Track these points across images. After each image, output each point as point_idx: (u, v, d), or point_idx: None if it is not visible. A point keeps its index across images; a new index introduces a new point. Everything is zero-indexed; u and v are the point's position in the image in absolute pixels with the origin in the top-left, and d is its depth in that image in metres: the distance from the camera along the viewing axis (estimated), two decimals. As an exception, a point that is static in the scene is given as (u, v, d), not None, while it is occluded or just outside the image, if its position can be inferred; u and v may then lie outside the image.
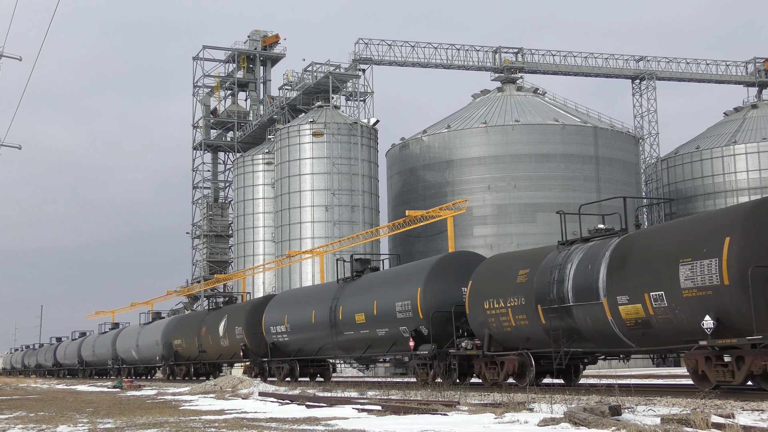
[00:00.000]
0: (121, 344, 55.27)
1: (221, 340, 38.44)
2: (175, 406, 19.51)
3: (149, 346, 49.19)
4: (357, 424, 12.84)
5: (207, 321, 41.27)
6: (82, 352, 65.66)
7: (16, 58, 43.52)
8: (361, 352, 28.47)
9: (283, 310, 33.82)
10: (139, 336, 51.44)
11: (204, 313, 44.26)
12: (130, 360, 54.02)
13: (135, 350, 51.89)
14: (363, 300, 27.62)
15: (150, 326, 51.33)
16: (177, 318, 48.77)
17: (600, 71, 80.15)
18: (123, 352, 54.79)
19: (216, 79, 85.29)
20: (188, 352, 43.63)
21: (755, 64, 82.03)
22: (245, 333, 35.84)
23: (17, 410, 18.96)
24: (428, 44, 75.70)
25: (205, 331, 40.75)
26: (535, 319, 19.94)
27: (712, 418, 10.67)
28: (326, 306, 29.85)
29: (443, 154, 68.00)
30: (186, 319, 47.12)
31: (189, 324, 44.46)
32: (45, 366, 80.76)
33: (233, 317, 37.91)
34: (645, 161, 78.79)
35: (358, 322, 27.62)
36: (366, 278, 29.31)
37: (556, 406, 13.84)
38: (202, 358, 41.61)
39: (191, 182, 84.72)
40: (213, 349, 40.02)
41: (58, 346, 77.31)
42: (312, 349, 31.85)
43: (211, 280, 74.12)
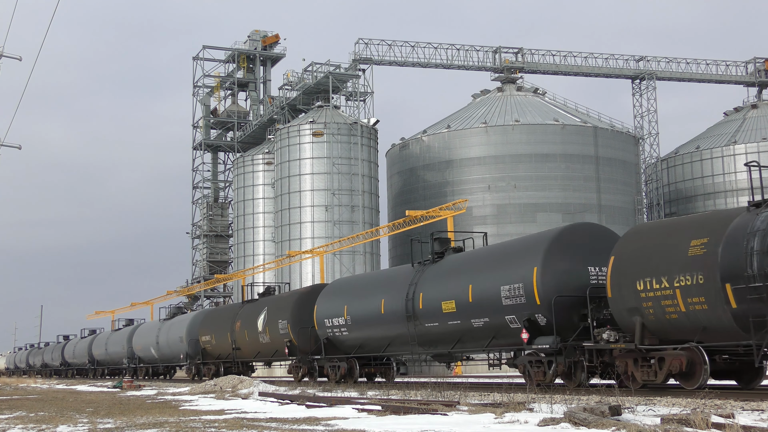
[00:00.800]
0: (139, 341, 52.12)
1: (260, 336, 34.38)
2: (175, 406, 19.51)
3: (172, 344, 45.86)
4: (357, 424, 12.84)
5: (242, 314, 36.99)
6: (94, 350, 62.69)
7: (16, 58, 43.53)
8: (448, 347, 23.73)
9: (342, 299, 29.17)
10: (160, 332, 48.14)
11: (237, 306, 39.84)
12: (148, 359, 51.18)
13: (155, 348, 48.83)
14: (452, 285, 23.08)
15: (173, 322, 47.96)
16: (205, 312, 45.11)
17: (600, 71, 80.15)
18: (141, 350, 51.85)
19: (216, 79, 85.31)
20: (218, 350, 39.86)
21: (755, 64, 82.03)
22: (291, 327, 31.59)
23: (17, 410, 18.96)
24: (428, 44, 75.76)
25: (239, 326, 36.65)
26: (720, 302, 15.83)
27: (712, 418, 10.67)
28: (401, 294, 24.99)
29: (443, 154, 68.01)
30: (216, 313, 43.23)
31: (220, 318, 40.43)
32: (52, 365, 77.86)
33: (276, 309, 33.46)
34: (645, 161, 78.79)
35: (445, 312, 23.05)
36: (451, 259, 24.65)
37: (556, 406, 13.84)
38: (236, 356, 37.66)
39: (191, 182, 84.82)
40: (249, 346, 36.07)
41: (66, 345, 74.04)
42: (378, 345, 27.31)
43: (211, 280, 74.15)
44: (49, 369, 79.52)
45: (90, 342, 64.52)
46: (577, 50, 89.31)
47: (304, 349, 30.89)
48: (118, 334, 58.27)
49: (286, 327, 31.92)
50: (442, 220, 50.29)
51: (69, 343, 73.38)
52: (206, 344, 40.97)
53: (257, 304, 36.11)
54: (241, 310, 37.61)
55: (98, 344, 62.06)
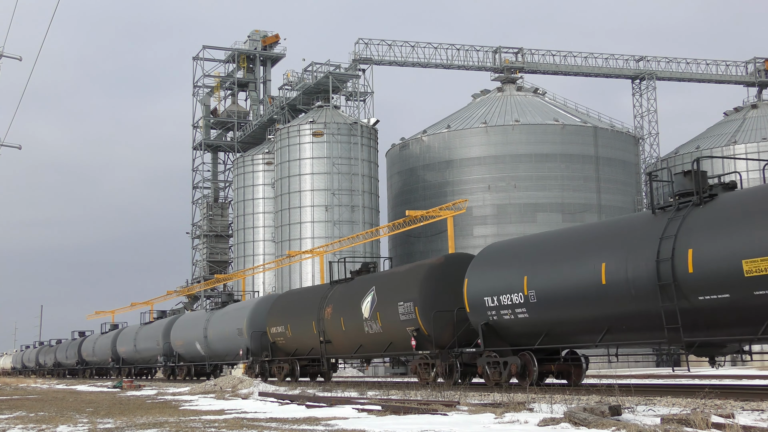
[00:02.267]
0: (180, 335, 45.29)
1: (367, 325, 26.67)
2: (175, 406, 19.51)
3: (227, 337, 38.65)
4: (357, 424, 12.84)
5: (334, 297, 29.47)
6: (118, 347, 55.79)
7: (16, 58, 43.55)
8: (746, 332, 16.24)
9: (518, 267, 20.97)
10: (210, 324, 41.10)
11: (324, 288, 31.80)
12: (191, 355, 44.21)
13: (202, 343, 41.95)
14: (756, 235, 15.64)
15: (227, 311, 40.63)
16: (275, 298, 37.13)
17: (600, 71, 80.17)
18: (181, 346, 45.11)
19: (216, 79, 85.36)
20: (295, 344, 32.13)
21: (755, 64, 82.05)
22: (420, 311, 23.77)
23: (17, 410, 18.96)
24: (428, 44, 75.78)
25: (331, 313, 29.07)
26: None
27: (712, 418, 10.66)
28: (641, 253, 17.46)
29: (443, 154, 68.02)
30: (292, 298, 35.13)
31: (299, 304, 32.76)
32: (66, 364, 70.59)
33: (392, 289, 25.72)
34: (645, 161, 78.80)
35: (749, 276, 15.21)
36: (729, 199, 17.85)
37: (556, 406, 13.83)
38: (328, 350, 29.94)
39: (191, 182, 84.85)
40: (346, 338, 28.37)
41: (83, 341, 66.07)
42: (585, 330, 19.41)
43: (211, 280, 74.14)
44: (62, 368, 72.46)
45: (114, 338, 57.15)
46: (577, 50, 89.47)
47: (442, 341, 23.19)
48: (150, 328, 51.35)
49: (412, 311, 24.12)
50: (442, 220, 50.30)
51: (87, 339, 65.65)
52: (278, 337, 33.35)
53: (357, 284, 28.43)
54: (332, 292, 29.92)
55: (125, 340, 54.86)
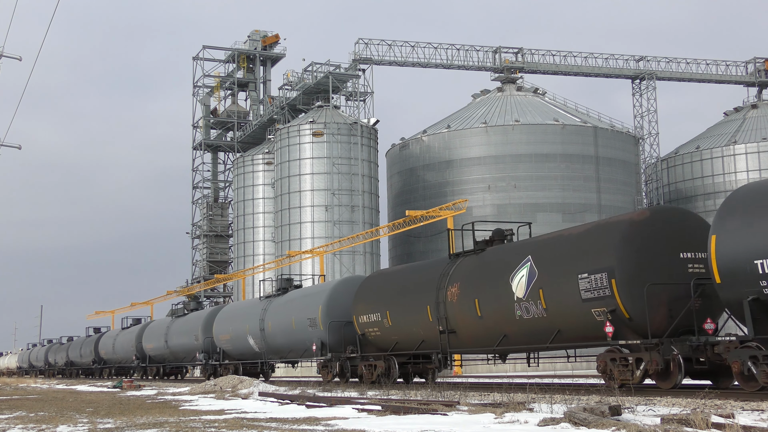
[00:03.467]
0: (224, 329, 38.18)
1: (520, 307, 19.52)
2: (175, 406, 19.51)
3: (290, 330, 31.87)
4: (357, 424, 12.84)
5: (461, 274, 22.40)
6: (145, 343, 49.61)
7: (16, 58, 43.49)
8: None
9: None
10: (267, 314, 34.01)
11: (440, 263, 24.28)
12: (240, 352, 36.99)
13: (256, 337, 34.79)
14: None
15: (288, 298, 33.39)
16: (355, 280, 30.15)
17: (600, 71, 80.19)
18: (227, 341, 37.81)
19: (216, 79, 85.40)
20: (398, 335, 25.34)
21: (755, 64, 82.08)
22: (619, 285, 17.12)
23: (17, 410, 18.96)
24: (428, 44, 75.81)
25: (458, 294, 22.10)
26: None
27: (712, 418, 10.66)
28: None
29: (443, 154, 68.03)
30: (388, 278, 27.91)
31: (402, 286, 25.87)
32: (79, 364, 64.87)
33: (566, 257, 18.93)
34: (645, 161, 78.84)
35: None
36: None
37: (556, 406, 13.83)
38: (451, 343, 22.83)
39: (191, 182, 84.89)
40: (483, 326, 21.24)
41: (101, 338, 60.05)
42: None
43: (211, 280, 74.17)
44: (75, 368, 66.83)
45: (139, 333, 51.01)
46: (577, 50, 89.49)
47: (655, 326, 16.73)
48: (186, 321, 44.60)
49: (605, 285, 17.29)
50: (442, 220, 50.32)
51: (106, 336, 59.93)
52: (370, 328, 26.48)
53: (499, 254, 21.38)
54: (455, 267, 22.84)
55: (153, 335, 48.79)
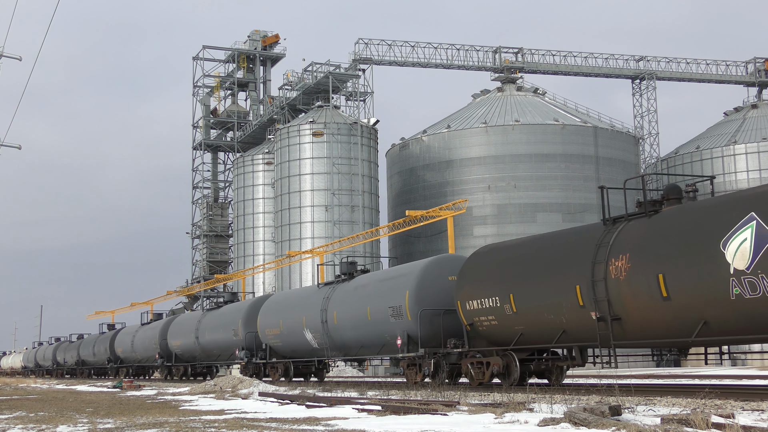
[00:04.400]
0: (274, 322, 32.87)
1: (739, 284, 14.72)
2: (175, 406, 19.50)
3: (365, 323, 26.47)
4: (357, 424, 12.84)
5: (630, 242, 17.63)
6: (171, 339, 44.76)
7: (16, 58, 43.49)
8: None
9: None
10: (329, 305, 28.69)
11: (590, 231, 19.14)
12: (293, 349, 31.92)
13: (316, 333, 29.40)
14: None
15: (359, 284, 27.88)
16: (446, 261, 24.97)
17: (600, 71, 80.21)
18: (279, 336, 32.53)
19: (216, 79, 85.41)
20: (519, 325, 20.29)
21: (755, 64, 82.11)
22: None
23: (17, 410, 18.95)
24: (428, 44, 75.83)
25: (627, 269, 17.12)
26: None
27: (712, 418, 10.66)
28: None
29: (443, 154, 68.04)
30: (497, 255, 21.99)
31: (527, 260, 20.65)
32: (91, 363, 60.71)
33: None
34: (645, 161, 78.85)
35: None
36: None
37: (556, 406, 13.83)
38: (615, 334, 17.45)
39: (191, 182, 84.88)
40: (671, 310, 16.19)
41: (117, 335, 55.66)
42: None
43: (211, 280, 74.17)
44: (87, 367, 62.39)
45: (162, 329, 46.25)
46: (577, 50, 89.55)
47: None
48: (220, 315, 39.32)
49: None
50: (442, 220, 50.32)
51: (123, 332, 55.08)
52: (480, 317, 21.24)
53: (698, 212, 17.18)
54: (618, 235, 17.98)
55: (180, 331, 43.81)
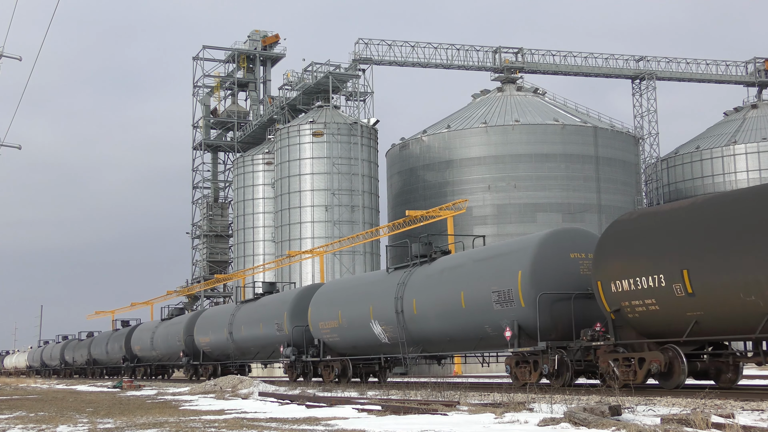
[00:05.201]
0: (331, 313, 28.31)
1: None
2: (175, 406, 19.51)
3: (458, 312, 22.06)
4: (357, 424, 12.84)
5: None
6: (198, 336, 40.88)
7: (16, 58, 43.50)
8: None
9: None
10: (406, 291, 24.16)
11: None
12: (354, 344, 27.55)
13: (388, 325, 24.94)
14: None
15: (444, 266, 23.72)
16: (568, 234, 20.85)
17: (600, 71, 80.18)
18: (337, 330, 27.96)
19: (216, 79, 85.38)
20: (703, 307, 15.87)
21: (755, 64, 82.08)
22: None
23: (17, 410, 18.96)
24: (428, 44, 75.79)
25: None
26: None
27: (712, 418, 10.66)
28: None
29: (443, 154, 68.02)
30: (668, 217, 17.23)
31: (705, 225, 16.18)
32: (104, 362, 56.99)
33: None
34: (645, 161, 78.83)
35: None
36: None
37: (556, 406, 13.83)
38: None
39: (191, 182, 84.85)
40: None
41: (133, 332, 52.06)
42: None
43: (211, 280, 74.19)
44: (98, 366, 58.99)
45: (187, 324, 42.57)
46: (577, 50, 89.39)
47: None
48: (258, 308, 35.03)
49: None
50: (442, 220, 50.32)
51: (139, 329, 51.72)
52: (629, 300, 17.27)
53: None
54: None
55: (209, 326, 40.00)
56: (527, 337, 19.85)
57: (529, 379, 20.05)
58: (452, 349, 23.81)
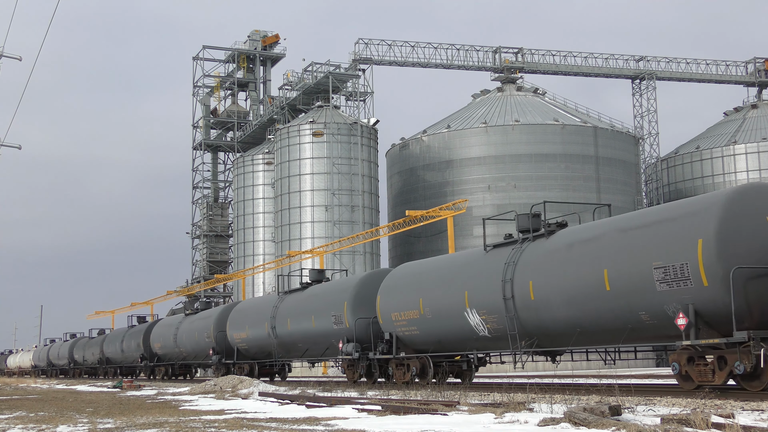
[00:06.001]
0: (409, 301, 24.05)
1: None
2: (175, 406, 19.50)
3: (603, 296, 17.74)
4: (357, 424, 12.83)
5: None
6: (231, 331, 36.42)
7: (16, 58, 43.47)
8: None
9: None
10: (516, 271, 20.12)
11: None
12: (438, 338, 23.34)
13: (480, 313, 21.10)
14: None
15: (553, 245, 19.73)
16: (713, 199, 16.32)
17: (600, 71, 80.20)
18: (418, 322, 23.65)
19: (216, 79, 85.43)
20: None
21: (755, 64, 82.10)
22: None
23: (17, 410, 18.95)
24: (428, 44, 75.81)
25: None
26: None
27: (712, 418, 10.65)
28: None
29: (443, 154, 68.03)
30: None
31: None
32: (117, 361, 53.33)
33: None
34: (645, 161, 78.86)
35: None
36: None
37: (556, 406, 13.82)
38: None
39: (191, 182, 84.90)
40: None
41: (152, 328, 47.96)
42: None
43: (211, 280, 74.21)
44: (111, 366, 55.07)
45: (218, 319, 38.32)
46: (577, 50, 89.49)
47: None
48: (310, 298, 30.83)
49: None
50: (442, 220, 50.33)
51: (159, 325, 47.62)
52: None
53: None
54: None
55: (245, 319, 35.86)
56: (706, 326, 15.65)
57: (711, 380, 15.91)
58: (583, 342, 19.13)
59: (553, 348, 19.89)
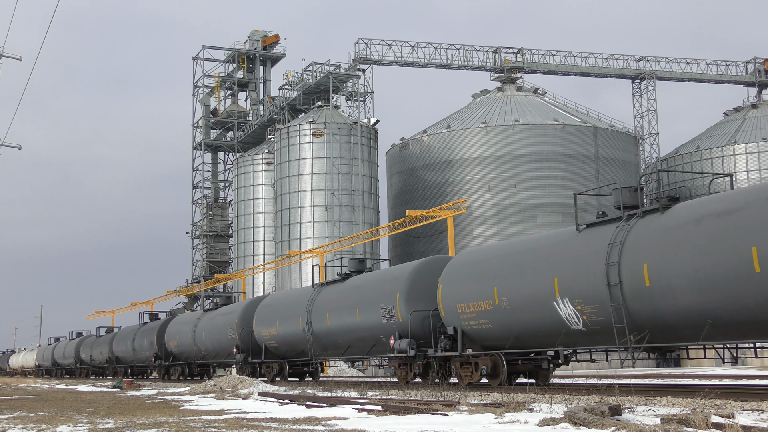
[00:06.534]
0: (483, 289, 20.95)
1: None
2: (175, 406, 19.50)
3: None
4: (357, 424, 12.83)
5: None
6: (259, 327, 33.75)
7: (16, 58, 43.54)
8: None
9: None
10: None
11: None
12: (505, 332, 20.49)
13: (574, 303, 18.08)
14: None
15: (674, 219, 16.57)
16: None
17: (600, 71, 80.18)
18: (484, 314, 20.90)
19: (216, 79, 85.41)
20: None
21: (755, 64, 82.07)
22: None
23: (17, 410, 18.95)
24: (428, 44, 75.79)
25: None
26: None
27: (712, 418, 10.65)
28: None
29: (443, 154, 68.03)
30: None
31: None
32: (128, 360, 50.97)
33: None
34: (645, 161, 78.83)
35: None
36: None
37: (556, 406, 13.82)
38: None
39: (191, 182, 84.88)
40: None
41: (167, 325, 45.08)
42: None
43: (211, 280, 74.17)
44: (122, 365, 52.45)
45: (243, 315, 35.41)
46: (577, 50, 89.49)
47: None
48: (352, 290, 28.15)
49: None
50: (442, 220, 50.34)
51: (176, 322, 44.74)
52: None
53: None
54: None
55: (274, 315, 33.19)
56: None
57: None
58: (712, 337, 15.84)
59: (671, 343, 16.88)
